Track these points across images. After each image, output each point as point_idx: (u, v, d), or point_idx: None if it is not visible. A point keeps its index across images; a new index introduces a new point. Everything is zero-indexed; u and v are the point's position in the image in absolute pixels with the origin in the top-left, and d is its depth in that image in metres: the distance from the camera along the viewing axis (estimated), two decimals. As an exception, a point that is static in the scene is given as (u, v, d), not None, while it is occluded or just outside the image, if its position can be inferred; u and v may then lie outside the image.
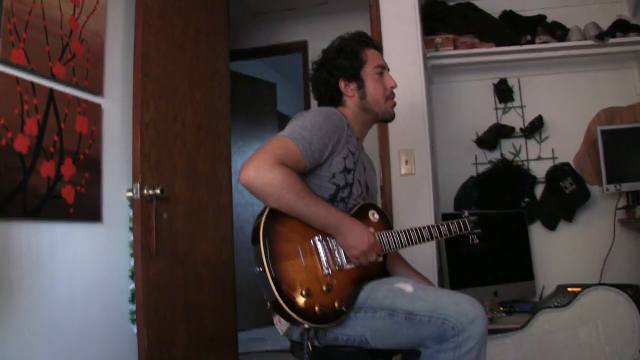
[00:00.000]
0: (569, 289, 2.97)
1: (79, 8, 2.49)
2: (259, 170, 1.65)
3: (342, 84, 2.07)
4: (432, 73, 3.87)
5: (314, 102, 2.23)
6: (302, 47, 4.99)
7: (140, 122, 2.60)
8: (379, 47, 2.18)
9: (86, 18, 2.52)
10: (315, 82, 2.14)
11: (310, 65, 2.19)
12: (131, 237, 2.62)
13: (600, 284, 2.89)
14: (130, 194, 2.63)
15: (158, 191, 2.60)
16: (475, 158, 3.88)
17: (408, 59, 3.16)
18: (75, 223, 2.39)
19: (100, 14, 2.62)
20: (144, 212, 2.56)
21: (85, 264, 2.43)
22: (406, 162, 3.08)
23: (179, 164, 2.87)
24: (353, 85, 2.07)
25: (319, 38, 4.38)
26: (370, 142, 2.46)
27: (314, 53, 2.28)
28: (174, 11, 2.95)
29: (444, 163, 3.86)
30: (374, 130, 2.26)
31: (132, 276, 2.62)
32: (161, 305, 2.62)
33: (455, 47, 3.75)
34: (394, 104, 2.12)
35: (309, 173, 1.86)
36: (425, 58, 3.51)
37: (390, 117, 2.13)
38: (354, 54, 2.07)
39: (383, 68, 2.12)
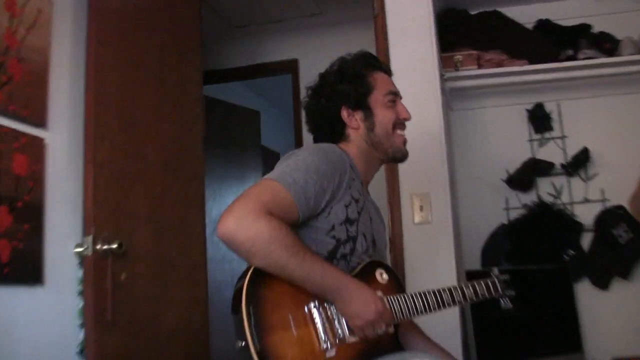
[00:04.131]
0: (627, 364, 2.96)
1: (17, 19, 2.48)
2: (240, 222, 1.65)
3: (344, 113, 2.08)
4: (452, 98, 3.90)
5: (307, 135, 2.25)
6: (291, 67, 5.04)
7: (94, 161, 2.60)
8: (388, 71, 2.21)
9: (26, 32, 2.53)
10: (310, 112, 2.16)
11: (305, 92, 2.20)
12: (81, 304, 2.60)
13: (664, 357, 2.88)
14: (80, 249, 2.61)
15: (115, 246, 2.59)
16: (506, 201, 3.90)
17: (421, 80, 3.19)
18: (10, 286, 2.37)
19: (43, 27, 2.63)
20: (98, 272, 2.55)
21: (23, 336, 2.41)
22: (421, 208, 3.09)
23: (141, 212, 2.87)
24: (359, 115, 2.08)
25: (312, 56, 4.45)
26: (377, 184, 2.46)
27: (306, 74, 2.31)
28: (134, 25, 2.98)
29: (468, 208, 3.87)
30: (380, 170, 2.26)
31: (82, 351, 2.60)
32: (118, 388, 2.60)
33: (480, 66, 3.80)
34: (405, 140, 2.13)
35: (303, 225, 1.86)
36: (443, 79, 3.55)
37: (402, 155, 2.14)
38: (360, 77, 2.09)
39: (395, 95, 2.14)
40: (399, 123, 2.12)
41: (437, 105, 3.17)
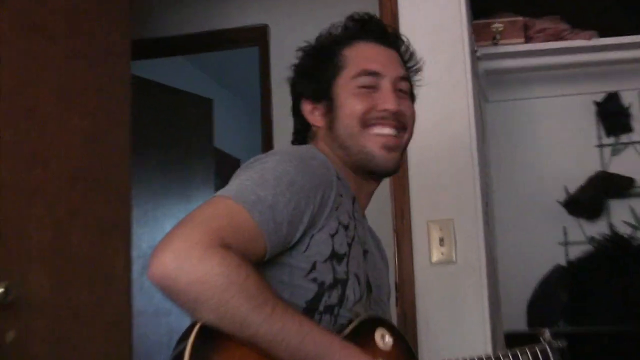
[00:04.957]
0: None
1: None
2: (183, 259, 1.62)
3: (306, 107, 2.10)
4: (487, 84, 3.92)
5: (278, 134, 2.25)
6: (258, 37, 4.98)
7: (-30, 168, 2.61)
8: (388, 39, 2.16)
9: None
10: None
11: (275, 69, 2.20)
12: (-51, 375, 2.60)
13: None
14: (-52, 295, 2.61)
15: (-1, 290, 2.59)
16: (565, 233, 3.91)
17: (444, 59, 3.20)
18: None
19: None
20: (-26, 329, 2.55)
21: None
22: (441, 241, 3.09)
23: (39, 242, 2.86)
24: (320, 109, 2.08)
25: (289, 22, 4.45)
26: (378, 207, 2.46)
27: (279, 46, 2.30)
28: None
29: (509, 243, 3.88)
30: (384, 186, 2.26)
31: None
32: None
33: (528, 38, 3.81)
34: (385, 143, 2.02)
35: (271, 262, 1.85)
36: (475, 57, 3.56)
37: (375, 165, 2.04)
38: (328, 55, 2.08)
39: (375, 76, 2.06)
40: (377, 117, 2.03)
41: (465, 94, 3.17)
